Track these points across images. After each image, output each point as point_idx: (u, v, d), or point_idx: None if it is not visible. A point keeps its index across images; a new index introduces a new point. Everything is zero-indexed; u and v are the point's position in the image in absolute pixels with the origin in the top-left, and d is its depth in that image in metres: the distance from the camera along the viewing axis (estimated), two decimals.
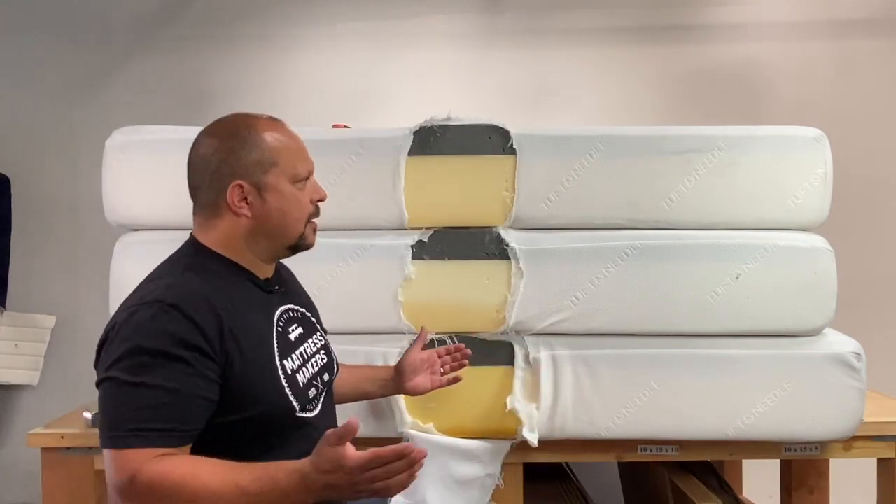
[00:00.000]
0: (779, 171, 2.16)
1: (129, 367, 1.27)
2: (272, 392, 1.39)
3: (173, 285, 1.36)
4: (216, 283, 1.39)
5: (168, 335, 1.28)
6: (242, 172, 1.42)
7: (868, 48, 3.34)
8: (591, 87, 3.37)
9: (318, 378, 1.53)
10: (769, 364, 2.10)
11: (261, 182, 1.42)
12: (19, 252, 3.33)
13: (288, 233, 1.47)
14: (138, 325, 1.30)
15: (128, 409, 1.26)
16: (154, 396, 1.26)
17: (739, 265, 2.11)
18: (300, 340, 1.52)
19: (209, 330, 1.31)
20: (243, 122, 1.47)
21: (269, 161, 1.43)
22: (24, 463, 3.16)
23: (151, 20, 3.38)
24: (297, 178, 1.46)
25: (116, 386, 1.28)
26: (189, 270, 1.40)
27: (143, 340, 1.28)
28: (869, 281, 3.24)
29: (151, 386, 1.26)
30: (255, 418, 1.36)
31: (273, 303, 1.50)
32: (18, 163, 3.33)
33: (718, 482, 2.45)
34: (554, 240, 2.16)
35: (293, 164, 1.45)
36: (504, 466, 2.15)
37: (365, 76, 3.36)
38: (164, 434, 1.26)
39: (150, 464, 1.23)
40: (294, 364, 1.46)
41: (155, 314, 1.30)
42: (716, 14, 3.37)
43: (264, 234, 1.45)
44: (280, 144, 1.45)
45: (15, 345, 3.26)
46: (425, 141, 2.17)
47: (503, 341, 2.17)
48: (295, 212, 1.46)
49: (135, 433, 1.25)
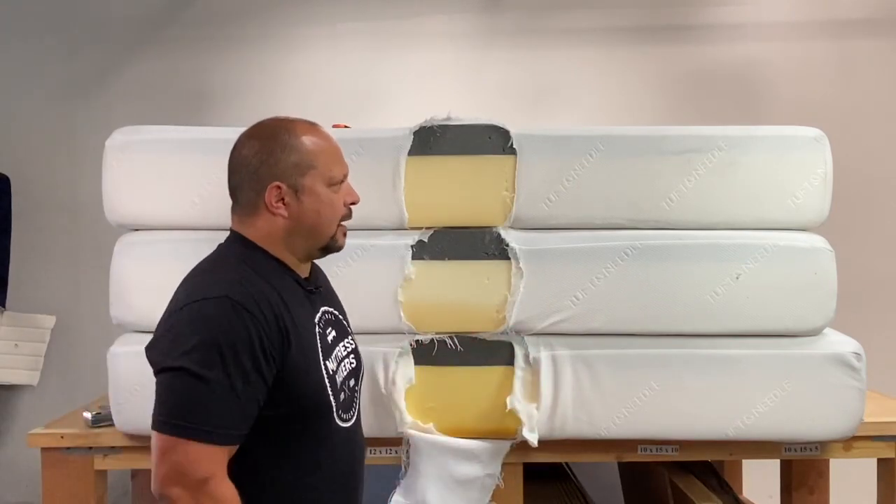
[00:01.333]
0: (779, 171, 2.16)
1: (201, 360, 1.31)
2: (318, 389, 1.44)
3: (236, 281, 1.39)
4: (270, 280, 1.44)
5: (238, 334, 1.33)
6: (280, 174, 1.45)
7: (868, 48, 3.34)
8: (591, 87, 3.37)
9: (347, 383, 1.55)
10: (769, 364, 2.11)
11: (298, 184, 1.46)
12: (19, 252, 3.33)
13: (321, 234, 1.50)
14: (209, 319, 1.34)
15: (199, 402, 1.30)
16: (225, 395, 1.31)
17: (739, 265, 2.11)
18: (335, 343, 1.55)
19: (271, 330, 1.36)
20: (283, 125, 1.50)
21: (306, 164, 1.46)
22: (24, 463, 3.16)
23: (152, 20, 3.39)
24: (333, 181, 1.49)
25: (188, 376, 1.31)
26: (244, 264, 1.44)
27: (215, 336, 1.32)
28: (869, 281, 3.24)
29: (220, 383, 1.31)
30: (297, 415, 1.41)
31: (314, 303, 1.54)
32: (18, 163, 3.33)
33: (718, 482, 2.45)
34: (554, 240, 2.16)
35: (329, 167, 1.49)
36: (504, 466, 2.15)
37: (365, 76, 3.36)
38: (229, 435, 1.32)
39: (224, 477, 1.32)
40: (333, 365, 1.50)
41: (225, 311, 1.34)
42: (716, 14, 3.37)
43: (299, 235, 1.48)
44: (317, 148, 1.48)
45: (15, 345, 3.26)
46: (425, 141, 2.17)
47: (503, 341, 2.17)
48: (329, 213, 1.49)
49: (206, 428, 1.30)
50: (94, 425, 2.22)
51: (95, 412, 2.24)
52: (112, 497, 2.37)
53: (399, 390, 2.10)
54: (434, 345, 2.15)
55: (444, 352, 2.16)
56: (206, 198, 2.13)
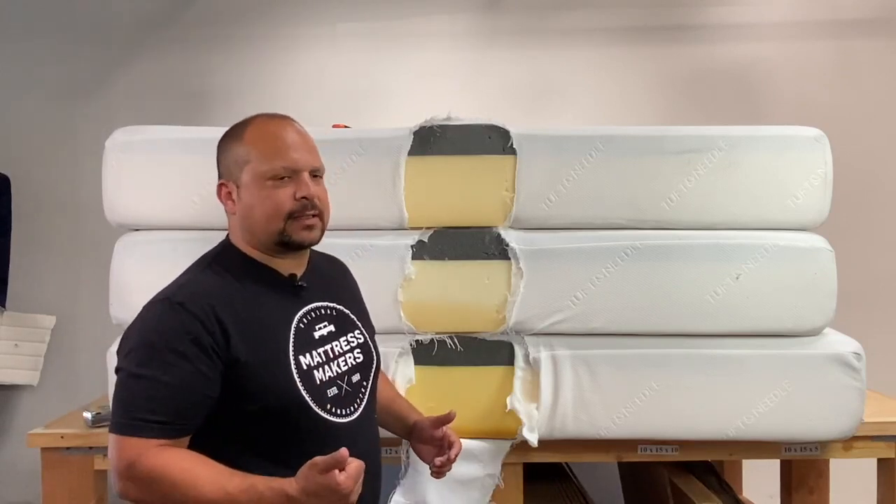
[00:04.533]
0: (779, 171, 2.16)
1: (136, 360, 1.36)
2: (284, 385, 1.42)
3: (185, 283, 1.44)
4: (229, 280, 1.45)
5: (171, 331, 1.36)
6: (225, 171, 1.50)
7: (868, 48, 3.34)
8: (591, 87, 3.37)
9: (345, 378, 1.52)
10: (769, 364, 2.11)
11: (239, 180, 1.47)
12: (19, 252, 3.33)
13: (263, 230, 1.46)
14: (146, 320, 1.40)
15: (132, 399, 1.35)
16: (155, 389, 1.34)
17: (739, 265, 2.11)
18: (328, 338, 1.52)
19: (211, 325, 1.37)
20: (244, 121, 1.52)
21: (243, 159, 1.46)
22: (24, 463, 3.15)
23: (152, 21, 3.38)
24: (270, 175, 1.44)
25: (125, 377, 1.37)
26: (208, 268, 1.48)
27: (149, 335, 1.37)
28: (869, 281, 3.24)
29: (152, 379, 1.34)
30: (270, 410, 1.40)
31: (298, 299, 1.52)
32: (18, 163, 3.33)
33: (718, 482, 2.45)
34: (554, 240, 2.16)
35: (266, 160, 1.45)
36: (504, 466, 2.15)
37: (365, 76, 3.36)
38: (162, 426, 1.34)
39: (151, 453, 1.32)
40: (312, 360, 1.47)
41: (162, 311, 1.39)
42: (716, 14, 3.37)
43: (250, 231, 1.48)
44: (255, 142, 1.46)
45: (15, 345, 3.26)
46: (425, 141, 2.17)
47: (503, 341, 2.17)
48: (266, 208, 1.44)
49: (136, 422, 1.34)
50: (94, 425, 2.22)
51: (95, 412, 2.24)
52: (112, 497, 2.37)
53: (399, 390, 2.09)
54: (434, 345, 2.15)
55: (444, 352, 2.16)
56: (206, 198, 2.11)
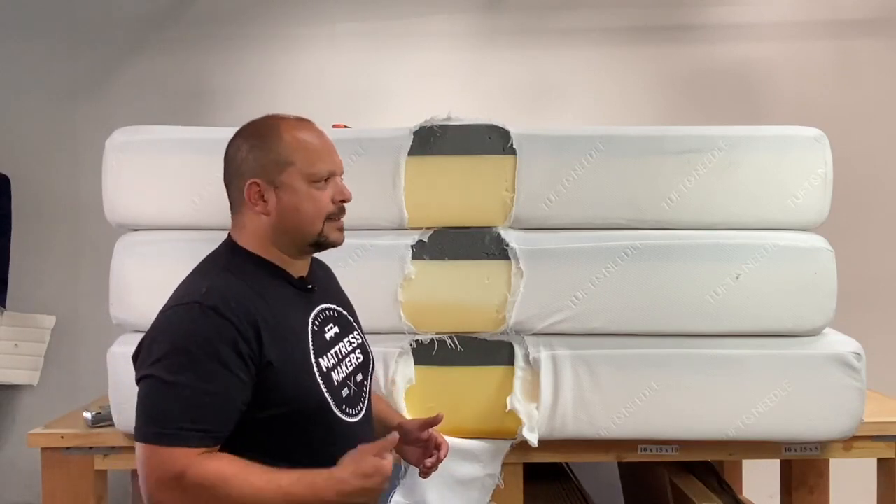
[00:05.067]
0: (779, 171, 2.16)
1: (169, 366, 1.32)
2: (308, 389, 1.43)
3: (212, 287, 1.40)
4: (252, 283, 1.44)
5: (205, 336, 1.33)
6: (259, 171, 1.46)
7: (868, 48, 3.34)
8: (591, 87, 3.37)
9: (352, 378, 1.55)
10: (769, 364, 2.11)
11: (276, 181, 1.46)
12: (19, 252, 3.33)
13: (304, 230, 1.49)
14: (177, 325, 1.36)
15: (168, 407, 1.31)
16: (195, 397, 1.31)
17: (739, 265, 2.11)
18: (336, 339, 1.55)
19: (246, 331, 1.35)
20: (268, 122, 1.51)
21: (284, 160, 1.46)
22: (24, 463, 3.15)
23: (152, 20, 3.38)
24: (314, 178, 1.48)
25: (157, 384, 1.33)
26: (227, 271, 1.45)
27: (182, 341, 1.34)
28: (869, 281, 3.24)
29: (190, 386, 1.31)
30: (292, 415, 1.40)
31: (309, 301, 1.53)
32: (19, 163, 3.33)
33: (718, 482, 2.45)
34: (554, 240, 2.16)
35: (311, 163, 1.48)
36: (504, 466, 2.15)
37: (365, 76, 3.36)
38: (206, 434, 1.32)
39: (199, 462, 1.30)
40: (329, 362, 1.49)
41: (194, 316, 1.35)
42: (716, 14, 3.37)
43: (284, 232, 1.48)
44: (298, 144, 1.48)
45: (15, 345, 3.26)
46: (425, 141, 2.17)
47: (503, 341, 2.17)
48: (310, 210, 1.48)
49: (180, 431, 1.30)
50: (94, 425, 2.22)
51: (95, 412, 2.24)
52: (112, 497, 2.37)
53: (399, 390, 2.10)
54: (434, 345, 2.15)
55: (444, 352, 2.16)
56: (206, 198, 2.13)
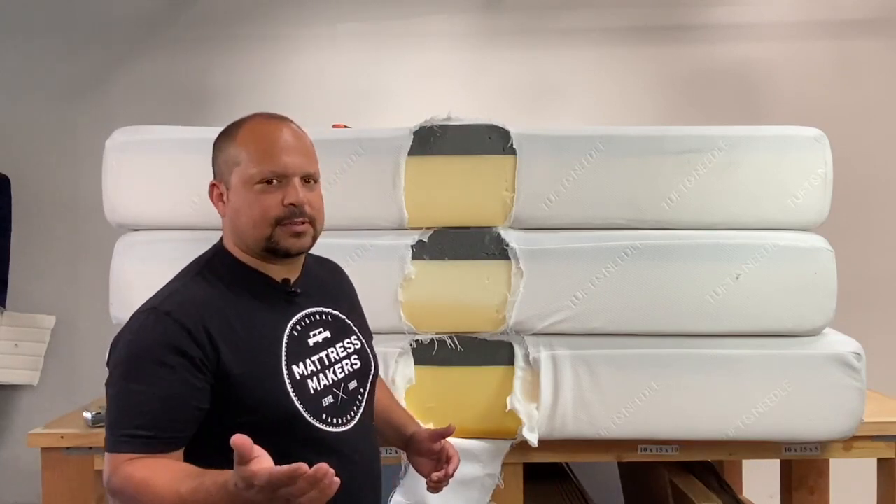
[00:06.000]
0: (779, 171, 2.16)
1: (123, 373, 1.32)
2: (275, 396, 1.36)
3: (174, 292, 1.38)
4: (221, 288, 1.40)
5: (158, 342, 1.31)
6: (217, 171, 1.45)
7: (868, 48, 3.34)
8: (591, 87, 3.37)
9: (341, 386, 1.46)
10: (769, 364, 2.10)
11: (228, 181, 1.42)
12: (19, 252, 3.33)
13: (251, 235, 1.40)
14: (134, 332, 1.34)
15: (119, 414, 1.31)
16: (142, 403, 1.29)
17: (739, 265, 2.11)
18: (323, 345, 1.47)
19: (199, 336, 1.32)
20: (240, 120, 1.46)
21: (233, 161, 1.41)
22: (24, 463, 3.16)
23: (152, 20, 3.39)
24: (254, 180, 1.38)
25: (114, 391, 1.33)
26: (199, 275, 1.42)
27: (136, 347, 1.33)
28: (869, 281, 3.24)
29: (140, 392, 1.29)
30: (261, 423, 1.32)
31: (291, 306, 1.46)
32: (18, 163, 3.33)
33: (718, 482, 2.45)
34: (554, 240, 2.16)
35: (255, 164, 1.38)
36: (504, 466, 2.15)
37: (365, 76, 3.36)
38: (149, 440, 1.28)
39: (124, 465, 1.27)
40: (305, 370, 1.41)
41: (148, 321, 1.34)
42: (716, 14, 3.37)
43: (238, 235, 1.43)
44: (246, 143, 1.40)
45: (15, 345, 3.26)
46: (425, 141, 2.17)
47: (503, 341, 2.17)
48: (252, 214, 1.39)
49: (123, 438, 1.28)
50: (94, 425, 2.22)
51: (95, 412, 2.24)
52: None
53: (399, 390, 2.10)
54: (434, 345, 2.15)
55: (444, 352, 2.16)
56: (206, 198, 2.10)
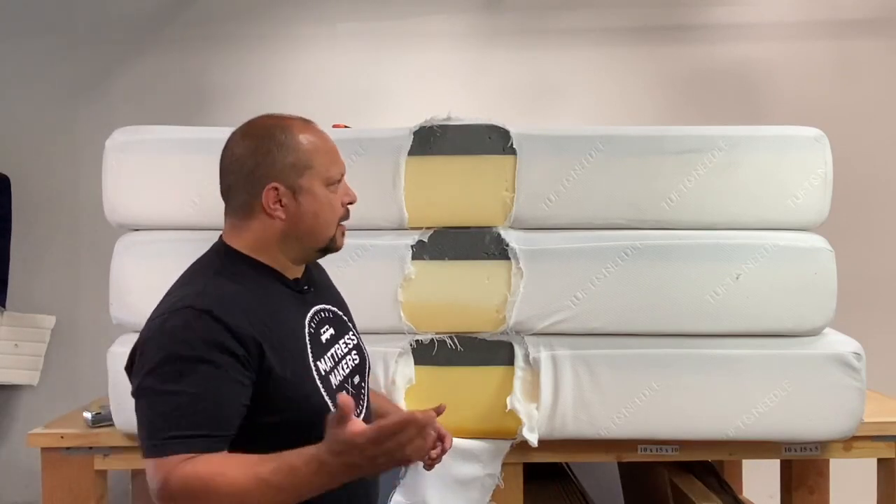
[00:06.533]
0: (779, 171, 2.16)
1: (163, 375, 1.28)
2: (308, 393, 1.39)
3: (205, 291, 1.36)
4: (248, 286, 1.39)
5: (200, 340, 1.29)
6: (277, 175, 1.41)
7: (868, 48, 3.34)
8: (591, 87, 3.37)
9: (349, 381, 1.51)
10: (769, 364, 2.11)
11: (296, 185, 1.41)
12: (19, 252, 3.33)
13: (320, 236, 1.46)
14: (170, 332, 1.30)
15: (164, 417, 1.27)
16: (189, 403, 1.26)
17: (739, 265, 2.11)
18: (332, 341, 1.51)
19: (242, 333, 1.31)
20: (278, 123, 1.45)
21: (303, 164, 1.42)
22: (24, 463, 3.16)
23: (152, 20, 3.39)
24: (331, 181, 1.45)
25: (153, 396, 1.28)
26: (219, 275, 1.40)
27: (176, 347, 1.29)
28: (869, 281, 3.24)
29: (185, 393, 1.26)
30: (294, 421, 1.35)
31: (304, 303, 1.49)
32: (19, 163, 3.33)
33: (718, 482, 2.45)
34: (554, 240, 2.16)
35: (327, 167, 1.45)
36: (504, 466, 2.15)
37: (365, 76, 3.36)
38: (199, 439, 1.27)
39: (180, 466, 1.24)
40: (327, 365, 1.45)
41: (187, 320, 1.30)
42: (716, 14, 3.37)
43: (296, 237, 1.44)
44: (314, 147, 1.44)
45: (15, 345, 3.26)
46: (425, 141, 2.17)
47: (503, 341, 2.17)
48: (327, 215, 1.45)
49: (171, 440, 1.25)
50: (94, 425, 2.22)
51: (95, 412, 2.24)
52: (112, 497, 2.37)
53: (399, 390, 2.10)
54: (434, 345, 2.16)
55: (444, 352, 2.16)
56: (206, 198, 2.12)
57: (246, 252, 1.44)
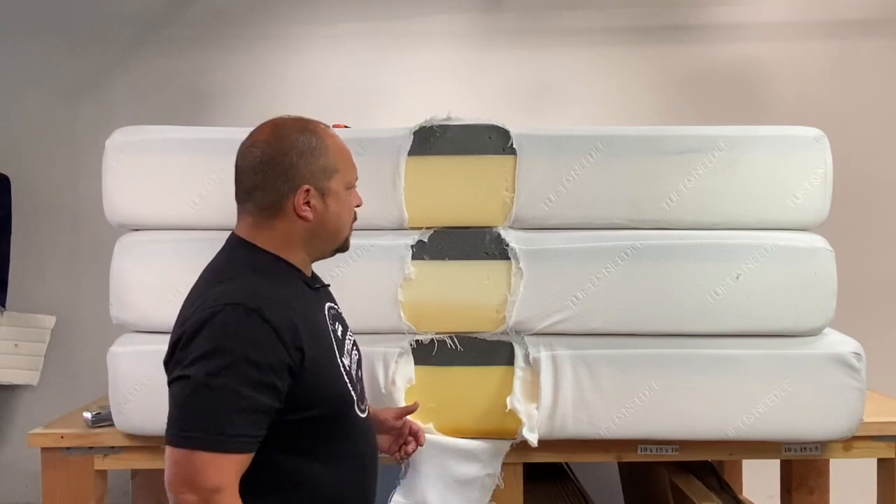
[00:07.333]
0: (779, 171, 2.16)
1: (210, 367, 1.29)
2: (340, 390, 1.47)
3: (253, 289, 1.38)
4: (283, 284, 1.43)
5: (249, 339, 1.31)
6: (310, 177, 1.46)
7: (868, 48, 3.34)
8: (592, 87, 3.37)
9: (357, 374, 1.59)
10: (769, 364, 2.10)
11: (325, 187, 1.48)
12: (19, 252, 3.33)
13: (339, 236, 1.54)
14: (220, 326, 1.32)
15: (209, 411, 1.29)
16: (234, 401, 1.29)
17: (739, 265, 2.11)
18: (343, 337, 1.57)
19: (286, 335, 1.34)
20: (308, 126, 1.49)
21: (332, 167, 1.49)
22: (24, 463, 3.16)
23: (152, 20, 3.39)
24: (350, 185, 1.54)
25: (197, 385, 1.29)
26: (256, 272, 1.42)
27: (225, 342, 1.31)
28: (869, 281, 3.24)
29: (232, 390, 1.29)
30: (327, 415, 1.42)
31: (319, 301, 1.55)
32: (19, 163, 3.34)
33: (718, 482, 2.45)
34: (554, 240, 2.16)
35: (349, 171, 1.53)
36: (504, 466, 2.15)
37: (365, 76, 3.36)
38: (244, 441, 1.30)
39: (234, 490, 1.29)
40: (347, 361, 1.52)
41: (238, 317, 1.32)
42: (716, 14, 3.37)
43: (320, 237, 1.50)
44: (340, 151, 1.52)
45: (15, 345, 3.26)
46: (425, 141, 2.17)
47: (503, 341, 2.17)
48: (347, 217, 1.54)
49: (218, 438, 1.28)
50: (94, 425, 2.22)
51: (95, 412, 2.24)
52: (112, 497, 2.37)
53: (399, 390, 2.10)
54: (434, 345, 2.15)
55: (444, 352, 2.16)
56: (206, 198, 2.13)
57: (271, 250, 1.47)
